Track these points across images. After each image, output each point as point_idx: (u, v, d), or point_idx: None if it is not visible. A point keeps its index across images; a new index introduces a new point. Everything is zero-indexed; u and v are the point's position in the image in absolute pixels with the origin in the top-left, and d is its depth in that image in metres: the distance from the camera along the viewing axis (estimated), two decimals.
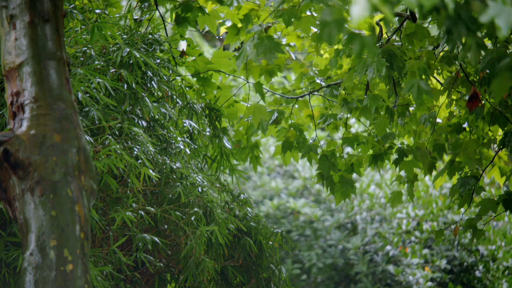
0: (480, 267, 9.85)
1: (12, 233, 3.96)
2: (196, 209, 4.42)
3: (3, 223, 4.00)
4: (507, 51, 4.10)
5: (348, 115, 5.29)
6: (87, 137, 3.99)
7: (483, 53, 3.60)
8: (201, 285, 4.72)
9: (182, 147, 4.58)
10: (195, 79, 5.39)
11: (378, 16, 4.87)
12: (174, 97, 4.86)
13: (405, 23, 4.64)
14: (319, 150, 5.31)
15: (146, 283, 4.73)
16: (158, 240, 4.27)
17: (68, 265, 2.78)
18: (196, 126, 4.89)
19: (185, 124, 4.88)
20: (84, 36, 4.52)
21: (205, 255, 4.45)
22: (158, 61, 4.70)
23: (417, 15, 4.60)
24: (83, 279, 2.80)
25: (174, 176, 4.45)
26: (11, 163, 2.86)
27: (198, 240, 4.31)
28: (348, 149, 5.52)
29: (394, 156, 5.33)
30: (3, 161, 2.87)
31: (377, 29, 4.81)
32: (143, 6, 5.07)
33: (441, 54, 4.75)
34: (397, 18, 4.70)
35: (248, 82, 5.13)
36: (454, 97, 5.17)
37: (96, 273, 3.93)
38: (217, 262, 4.59)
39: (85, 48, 4.43)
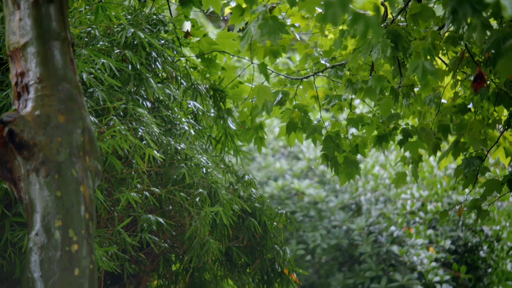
0: (485, 247, 9.87)
1: (17, 213, 3.97)
2: (200, 190, 4.42)
3: (9, 203, 4.01)
4: None
5: (353, 96, 5.28)
6: (91, 118, 3.99)
7: (488, 33, 3.58)
8: (205, 266, 4.73)
9: (186, 128, 4.58)
10: (199, 60, 5.38)
11: None
12: (179, 78, 4.86)
13: (410, 3, 4.62)
14: (323, 131, 5.30)
15: (151, 263, 4.75)
16: (162, 221, 4.28)
17: (73, 245, 2.79)
18: (200, 107, 4.89)
19: (189, 105, 4.88)
20: (88, 17, 4.51)
21: (209, 235, 4.45)
22: (163, 41, 4.69)
23: None
24: (88, 259, 2.81)
25: (179, 157, 4.46)
26: (16, 143, 2.86)
27: (203, 221, 4.32)
28: (353, 130, 5.52)
29: (399, 137, 5.32)
30: (8, 141, 2.87)
31: (382, 9, 4.79)
32: None
33: (446, 34, 4.73)
34: None
35: (252, 63, 5.12)
36: (459, 77, 5.15)
37: (101, 253, 3.94)
38: (221, 242, 4.60)
39: (90, 29, 4.42)
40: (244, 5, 4.80)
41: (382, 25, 4.66)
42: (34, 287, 2.72)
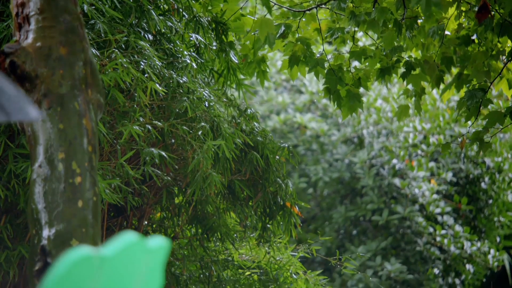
0: (486, 179, 9.91)
1: (20, 145, 3.98)
2: (203, 123, 4.42)
3: (12, 135, 4.01)
4: None
5: (356, 29, 5.24)
6: (93, 50, 3.97)
7: None
8: (208, 199, 4.76)
9: (188, 61, 4.56)
10: None
11: None
12: (180, 10, 4.82)
13: None
14: (326, 64, 5.27)
15: (154, 196, 4.78)
16: (165, 154, 4.29)
17: (77, 177, 2.80)
18: (202, 40, 4.86)
19: (191, 38, 4.84)
20: None
21: (212, 169, 4.47)
22: None
23: None
24: (91, 191, 2.82)
25: (181, 91, 4.44)
26: (17, 75, 2.85)
27: (205, 155, 4.33)
28: (356, 63, 5.49)
29: (402, 70, 5.29)
30: (9, 73, 2.85)
31: None
32: None
33: None
34: None
35: None
36: (463, 8, 5.10)
37: (104, 186, 3.96)
38: (224, 176, 4.62)
39: None
40: None
41: None
42: (38, 218, 2.74)
